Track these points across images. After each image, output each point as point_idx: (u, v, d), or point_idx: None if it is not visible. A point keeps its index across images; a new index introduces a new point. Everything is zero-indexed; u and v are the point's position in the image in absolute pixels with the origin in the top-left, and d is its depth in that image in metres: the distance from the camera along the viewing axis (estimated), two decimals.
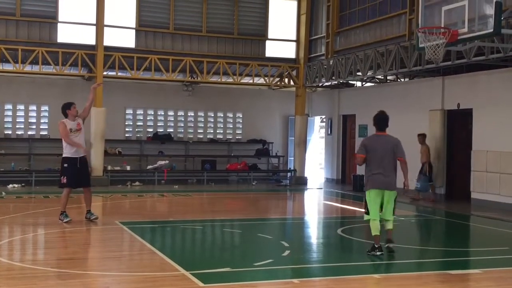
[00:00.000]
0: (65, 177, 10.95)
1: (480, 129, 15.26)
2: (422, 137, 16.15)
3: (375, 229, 8.59)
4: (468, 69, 15.67)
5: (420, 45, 12.27)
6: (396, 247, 8.73)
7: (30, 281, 6.87)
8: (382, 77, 18.94)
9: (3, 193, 15.97)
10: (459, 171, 16.17)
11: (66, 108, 11.22)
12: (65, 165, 10.99)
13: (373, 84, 20.08)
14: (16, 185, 17.69)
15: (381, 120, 8.83)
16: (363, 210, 9.02)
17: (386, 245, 8.67)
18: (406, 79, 18.62)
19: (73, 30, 19.33)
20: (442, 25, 11.70)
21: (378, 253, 8.45)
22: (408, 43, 15.75)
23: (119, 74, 19.54)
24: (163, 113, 21.66)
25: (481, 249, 9.86)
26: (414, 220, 13.23)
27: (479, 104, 15.31)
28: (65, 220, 10.88)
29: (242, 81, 20.72)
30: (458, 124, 16.41)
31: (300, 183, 20.85)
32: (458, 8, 11.49)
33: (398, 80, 18.97)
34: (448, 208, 14.84)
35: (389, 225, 8.78)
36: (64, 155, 11.07)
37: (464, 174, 15.69)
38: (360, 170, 19.04)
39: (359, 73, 17.92)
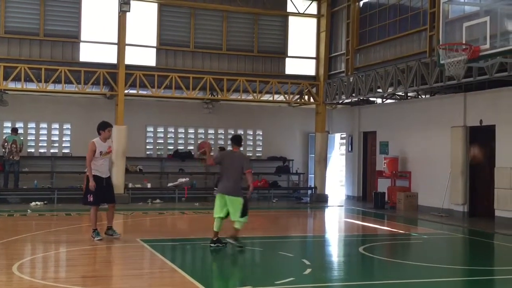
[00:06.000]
0: (91, 195, 10.87)
1: (503, 145, 15.07)
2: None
3: (216, 227, 10.54)
4: (491, 85, 15.52)
5: (441, 62, 12.19)
6: (419, 265, 8.58)
7: None
8: (403, 94, 18.85)
9: (29, 210, 16.14)
10: (482, 188, 15.98)
11: (101, 129, 11.06)
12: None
13: (393, 100, 19.98)
14: (38, 203, 17.83)
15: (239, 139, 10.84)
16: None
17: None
18: (427, 96, 18.50)
19: (95, 49, 19.56)
20: (464, 42, 11.64)
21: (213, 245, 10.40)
22: (429, 60, 15.67)
23: (140, 92, 19.72)
24: (183, 131, 21.77)
25: (506, 268, 9.69)
26: (437, 238, 13.06)
27: (502, 120, 15.15)
28: (96, 239, 10.87)
29: (262, 98, 20.77)
30: (481, 141, 16.24)
31: (320, 200, 20.74)
32: (479, 24, 11.42)
33: (419, 96, 18.85)
34: (471, 226, 14.62)
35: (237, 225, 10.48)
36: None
37: (488, 191, 15.50)
38: (381, 187, 18.99)
39: (380, 90, 17.85)
